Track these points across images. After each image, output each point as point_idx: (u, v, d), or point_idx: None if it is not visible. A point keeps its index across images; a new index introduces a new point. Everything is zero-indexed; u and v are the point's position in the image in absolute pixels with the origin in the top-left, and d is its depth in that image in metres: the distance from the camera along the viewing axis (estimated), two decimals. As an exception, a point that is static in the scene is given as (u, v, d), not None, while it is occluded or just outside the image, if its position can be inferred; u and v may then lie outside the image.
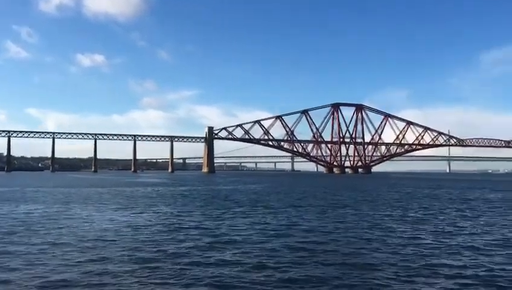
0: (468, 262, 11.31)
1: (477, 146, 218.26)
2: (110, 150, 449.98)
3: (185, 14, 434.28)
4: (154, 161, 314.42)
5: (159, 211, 23.76)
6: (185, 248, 12.89)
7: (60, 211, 23.63)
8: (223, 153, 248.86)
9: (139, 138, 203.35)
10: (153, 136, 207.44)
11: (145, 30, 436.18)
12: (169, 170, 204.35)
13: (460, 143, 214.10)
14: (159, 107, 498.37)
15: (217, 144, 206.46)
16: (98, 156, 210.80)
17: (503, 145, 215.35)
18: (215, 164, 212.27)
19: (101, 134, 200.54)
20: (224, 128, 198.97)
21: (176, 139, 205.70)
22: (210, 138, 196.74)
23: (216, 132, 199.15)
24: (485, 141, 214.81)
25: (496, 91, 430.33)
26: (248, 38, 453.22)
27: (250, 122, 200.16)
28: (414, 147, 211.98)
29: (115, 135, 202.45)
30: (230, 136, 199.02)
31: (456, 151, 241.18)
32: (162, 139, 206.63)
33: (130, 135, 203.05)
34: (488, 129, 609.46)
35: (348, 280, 9.50)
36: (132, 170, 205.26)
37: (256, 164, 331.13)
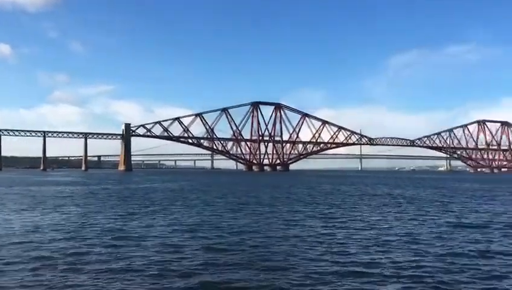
0: (377, 257, 11.79)
1: (385, 145, 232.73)
2: (16, 148, 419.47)
3: (102, 5, 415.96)
4: (67, 158, 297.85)
5: (68, 212, 22.32)
6: (89, 250, 12.15)
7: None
8: (140, 151, 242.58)
9: (50, 134, 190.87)
10: (65, 132, 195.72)
11: (57, 21, 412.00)
12: (83, 168, 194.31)
13: (371, 142, 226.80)
14: (72, 102, 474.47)
15: (135, 142, 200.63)
16: (3, 154, 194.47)
17: (409, 144, 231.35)
18: (132, 162, 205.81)
19: (6, 130, 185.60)
20: (143, 126, 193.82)
21: (90, 136, 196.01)
22: (127, 135, 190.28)
23: (134, 128, 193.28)
24: (393, 140, 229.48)
25: (403, 93, 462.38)
26: (168, 34, 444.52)
27: (169, 120, 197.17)
28: (329, 145, 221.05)
29: (22, 130, 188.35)
30: (148, 133, 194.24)
31: (367, 149, 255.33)
32: (75, 135, 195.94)
33: (39, 131, 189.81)
34: (396, 129, 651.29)
35: (261, 279, 9.47)
36: (41, 168, 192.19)
37: (175, 162, 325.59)
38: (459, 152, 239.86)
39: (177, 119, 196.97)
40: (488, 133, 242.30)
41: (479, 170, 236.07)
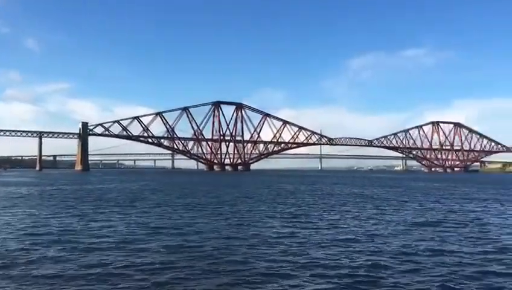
0: (334, 256, 11.91)
1: (344, 145, 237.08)
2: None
3: (57, 2, 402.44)
4: (20, 158, 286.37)
5: (18, 213, 21.37)
6: (40, 253, 11.65)
7: None
8: (98, 150, 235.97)
9: (2, 133, 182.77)
10: (18, 131, 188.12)
11: (8, 16, 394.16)
12: (37, 168, 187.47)
13: (331, 142, 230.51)
14: (26, 100, 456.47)
15: (92, 141, 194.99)
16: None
17: (367, 144, 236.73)
18: (90, 162, 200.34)
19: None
20: (100, 124, 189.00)
21: (46, 135, 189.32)
22: (84, 134, 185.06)
23: (91, 127, 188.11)
24: (352, 140, 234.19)
25: (362, 94, 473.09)
26: (126, 31, 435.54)
27: (128, 119, 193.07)
28: (290, 145, 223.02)
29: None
30: (106, 132, 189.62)
31: (327, 149, 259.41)
32: (29, 134, 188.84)
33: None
34: (355, 129, 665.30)
35: (220, 280, 9.36)
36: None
37: (134, 162, 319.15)
38: (414, 152, 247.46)
39: (137, 118, 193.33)
40: (442, 134, 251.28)
41: (433, 169, 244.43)
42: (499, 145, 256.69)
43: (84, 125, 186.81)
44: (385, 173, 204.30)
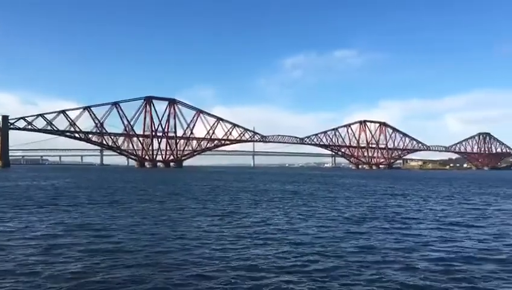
0: (262, 253, 12.01)
1: (277, 142, 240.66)
2: None
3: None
4: None
5: None
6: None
7: None
8: (20, 145, 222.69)
9: None
10: None
11: None
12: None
13: (263, 139, 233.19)
14: None
15: (14, 135, 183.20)
16: None
17: (298, 142, 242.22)
18: (10, 157, 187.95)
19: None
20: (23, 118, 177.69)
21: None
22: (4, 128, 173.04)
23: (12, 121, 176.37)
24: (284, 137, 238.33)
25: (295, 93, 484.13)
26: (51, 22, 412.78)
27: (53, 112, 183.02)
28: (223, 142, 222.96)
29: None
30: (29, 126, 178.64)
31: (260, 146, 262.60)
32: None
33: None
34: (287, 127, 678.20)
35: (144, 279, 9.11)
36: None
37: (60, 158, 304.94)
38: (343, 150, 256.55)
39: (63, 112, 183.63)
40: (368, 133, 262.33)
41: (360, 166, 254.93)
42: (420, 144, 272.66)
43: (4, 118, 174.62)
44: (315, 169, 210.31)
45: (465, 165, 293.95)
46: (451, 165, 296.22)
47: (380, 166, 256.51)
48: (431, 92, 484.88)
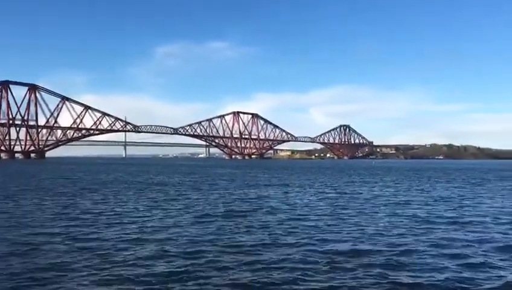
0: (128, 251, 11.30)
1: (150, 132, 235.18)
2: None
3: None
4: None
5: None
6: None
7: None
8: None
9: None
10: None
11: None
12: None
13: (136, 129, 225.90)
14: None
15: None
16: None
17: (172, 132, 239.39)
18: None
19: None
20: None
21: None
22: None
23: None
24: (158, 127, 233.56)
25: (169, 83, 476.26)
26: None
27: None
28: (92, 132, 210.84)
29: None
30: None
31: (133, 136, 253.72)
32: None
33: None
34: (161, 117, 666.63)
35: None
36: None
37: None
38: (217, 140, 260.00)
39: None
40: (242, 124, 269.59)
41: (233, 157, 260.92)
42: (289, 135, 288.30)
43: None
44: (190, 160, 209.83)
45: (328, 155, 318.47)
46: (316, 155, 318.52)
47: (252, 156, 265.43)
48: (299, 86, 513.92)
